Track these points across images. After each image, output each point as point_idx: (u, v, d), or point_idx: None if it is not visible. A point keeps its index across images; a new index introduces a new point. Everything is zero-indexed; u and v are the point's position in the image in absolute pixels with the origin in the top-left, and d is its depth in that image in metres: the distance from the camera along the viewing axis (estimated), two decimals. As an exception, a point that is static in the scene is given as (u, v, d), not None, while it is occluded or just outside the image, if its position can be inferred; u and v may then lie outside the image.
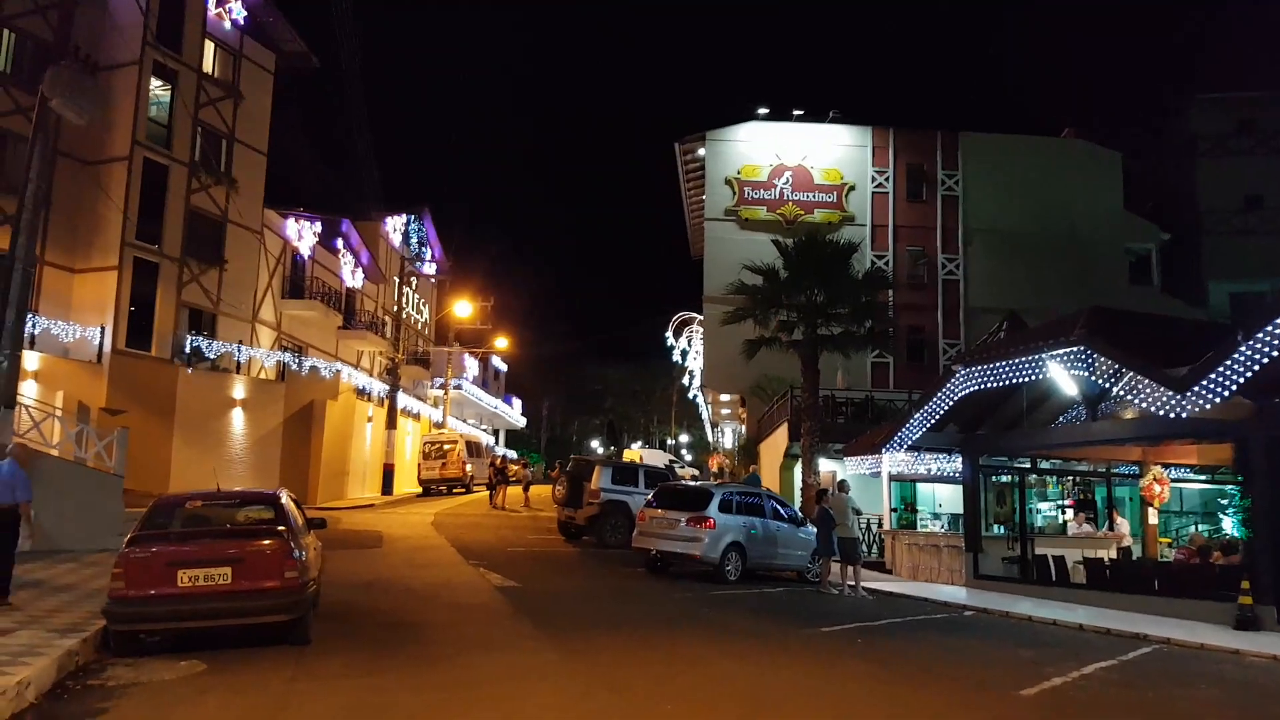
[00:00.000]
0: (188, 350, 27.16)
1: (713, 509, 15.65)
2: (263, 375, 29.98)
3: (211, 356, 27.69)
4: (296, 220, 33.10)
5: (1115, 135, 41.04)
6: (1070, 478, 21.78)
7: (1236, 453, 13.61)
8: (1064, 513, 21.37)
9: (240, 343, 28.74)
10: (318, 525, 10.82)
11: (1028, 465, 20.24)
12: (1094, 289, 31.36)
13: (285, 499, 9.71)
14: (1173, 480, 19.40)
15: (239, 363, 28.75)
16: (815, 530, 17.24)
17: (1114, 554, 17.95)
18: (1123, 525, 19.28)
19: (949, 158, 38.21)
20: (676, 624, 11.05)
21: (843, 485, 16.62)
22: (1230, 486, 21.99)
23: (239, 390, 27.54)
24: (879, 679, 8.32)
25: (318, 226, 33.92)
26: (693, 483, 24.65)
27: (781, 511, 17.32)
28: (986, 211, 37.75)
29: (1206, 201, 40.57)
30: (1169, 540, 20.53)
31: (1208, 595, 13.37)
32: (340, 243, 36.22)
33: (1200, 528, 22.01)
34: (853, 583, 15.79)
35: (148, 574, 8.23)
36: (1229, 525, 21.39)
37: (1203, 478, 21.83)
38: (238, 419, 27.48)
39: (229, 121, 29.44)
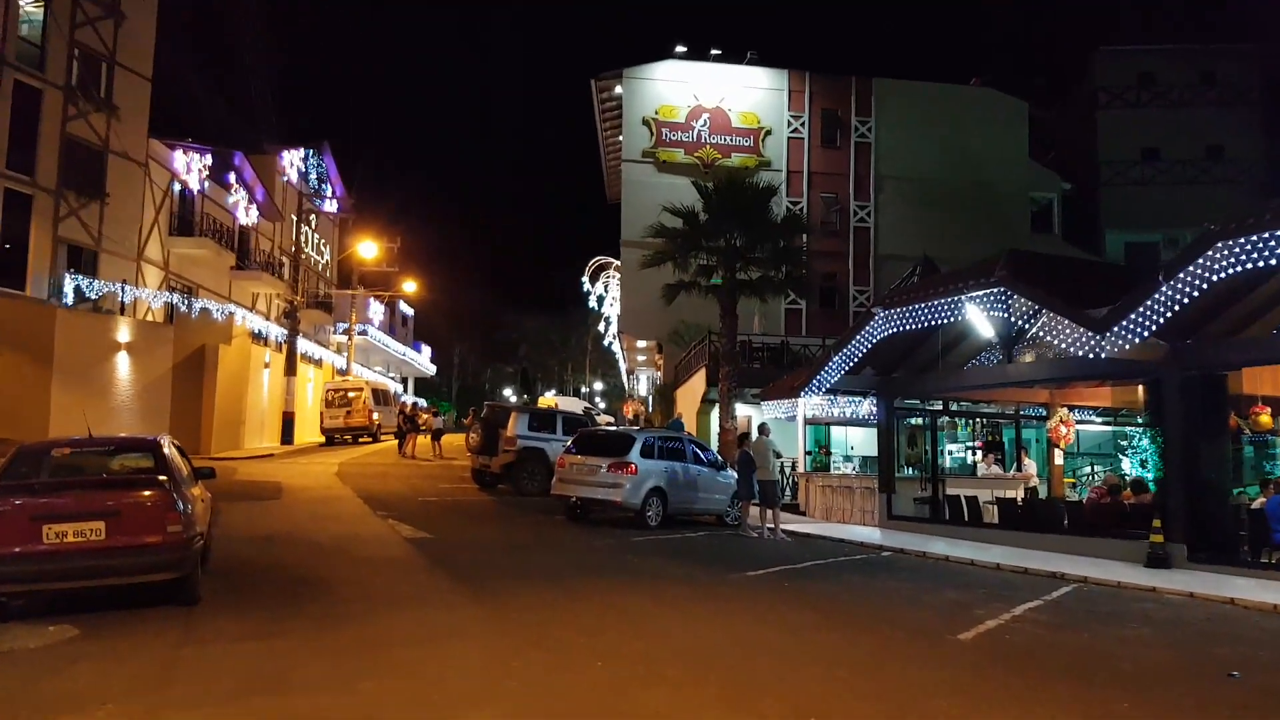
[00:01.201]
0: (67, 290, 25.16)
1: (634, 454, 15.23)
2: (150, 318, 28.10)
3: (93, 297, 25.72)
4: (185, 152, 30.87)
5: (1022, 85, 41.73)
6: (979, 420, 22.17)
7: (1150, 393, 13.82)
8: (973, 454, 21.76)
9: (124, 282, 26.80)
10: (206, 475, 9.95)
11: (940, 408, 20.49)
12: (998, 237, 31.82)
13: (167, 446, 8.79)
14: (1076, 423, 19.88)
15: (123, 304, 26.82)
16: (735, 474, 17.09)
17: (1021, 494, 18.30)
18: (1030, 466, 19.71)
19: (863, 104, 38.16)
20: (604, 573, 10.60)
21: (763, 429, 16.39)
22: (1130, 429, 22.77)
23: (124, 333, 25.72)
24: (818, 627, 8.03)
25: (208, 159, 31.75)
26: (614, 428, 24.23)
27: (702, 456, 17.03)
28: (898, 159, 37.95)
29: (1105, 152, 41.77)
30: (1072, 480, 21.15)
31: (1119, 534, 13.66)
32: (233, 177, 34.06)
33: (1098, 468, 22.78)
34: (771, 525, 15.67)
35: (8, 530, 7.29)
36: (1128, 466, 22.17)
37: (1103, 420, 22.49)
38: (123, 364, 25.71)
39: (109, 43, 27.03)
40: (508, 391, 79.79)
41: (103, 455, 9.15)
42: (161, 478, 8.06)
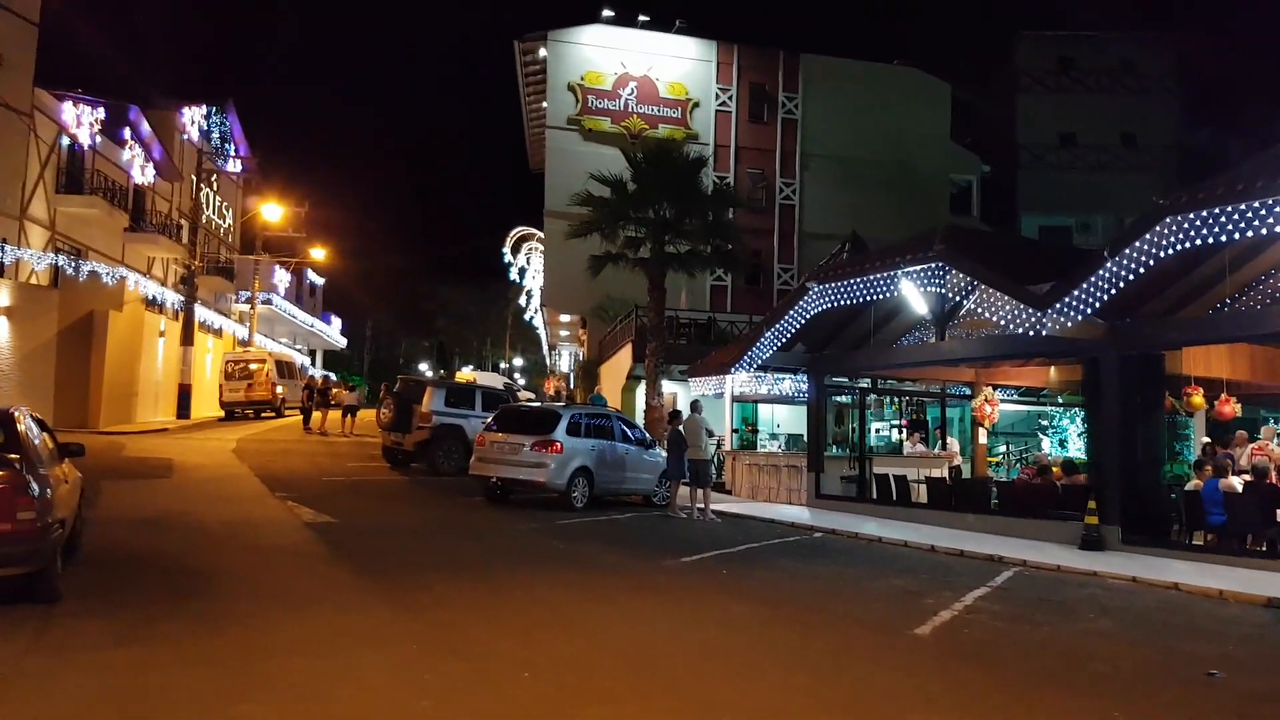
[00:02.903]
0: (-66, 248, 22.91)
1: (560, 432, 14.35)
2: (33, 280, 25.89)
3: (-32, 257, 23.52)
4: (75, 104, 28.37)
5: (945, 66, 41.89)
6: (904, 398, 21.98)
7: (1086, 373, 13.59)
8: (899, 432, 21.57)
9: (4, 241, 24.55)
10: (74, 452, 8.76)
11: (868, 385, 20.20)
12: (919, 217, 31.72)
13: (22, 418, 7.57)
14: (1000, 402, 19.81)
15: (2, 264, 24.60)
16: (663, 453, 16.43)
17: (945, 473, 18.12)
18: (953, 445, 19.55)
19: (790, 79, 37.72)
20: (528, 562, 9.72)
21: (696, 406, 15.71)
22: (1051, 409, 22.95)
23: (2, 296, 23.60)
24: (765, 622, 7.35)
25: (101, 113, 29.29)
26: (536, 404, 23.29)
27: (629, 434, 16.28)
28: (823, 136, 37.68)
29: (1024, 136, 42.34)
30: (998, 460, 21.16)
31: (1051, 515, 13.45)
32: (128, 133, 31.61)
33: (1013, 447, 22.91)
34: (701, 505, 15.06)
35: None
36: (1046, 446, 22.33)
37: (1023, 399, 22.57)
38: (1, 330, 23.61)
39: (-10, -17, 24.59)
40: (423, 366, 77.64)
41: (-61, 431, 7.87)
42: (11, 456, 6.89)
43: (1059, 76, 41.82)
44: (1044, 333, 12.25)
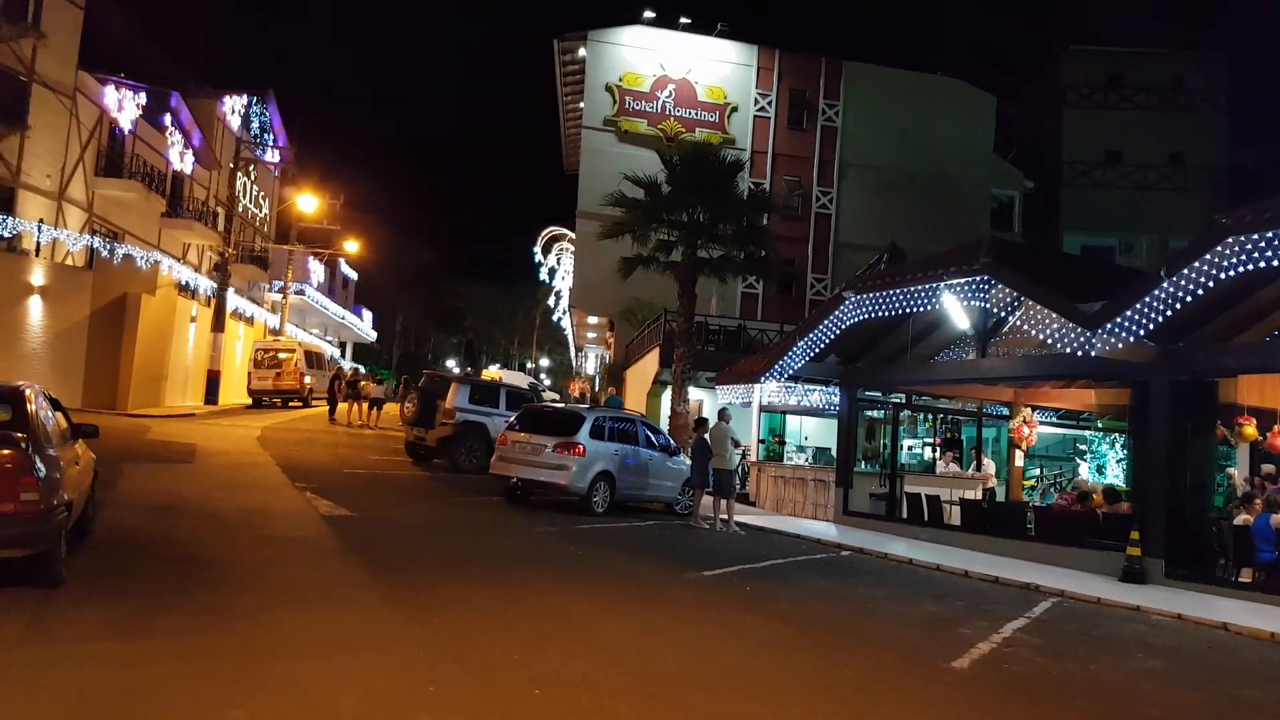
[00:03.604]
0: (-23, 225, 23.08)
1: (583, 435, 14.03)
2: (69, 261, 26.04)
3: (7, 235, 23.64)
4: (118, 88, 28.60)
5: (991, 79, 41.26)
6: (940, 416, 21.42)
7: (1134, 397, 13.03)
8: (932, 451, 21.02)
9: (42, 221, 24.72)
10: (87, 433, 8.56)
11: (902, 400, 19.69)
12: (958, 231, 30.99)
13: (33, 396, 7.37)
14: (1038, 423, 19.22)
15: (39, 244, 24.77)
16: (687, 460, 16.05)
17: (978, 495, 17.58)
18: (989, 466, 18.95)
19: (831, 86, 37.23)
20: (543, 566, 9.40)
21: (724, 414, 15.31)
22: (1090, 433, 22.26)
23: (38, 276, 23.71)
24: (791, 645, 6.95)
25: (142, 98, 29.51)
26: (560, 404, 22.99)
27: (654, 439, 15.91)
28: (863, 145, 37.15)
29: (1069, 152, 41.50)
30: (1032, 484, 20.53)
31: (1090, 544, 12.92)
32: (169, 119, 31.83)
33: (1048, 471, 22.23)
34: (725, 517, 14.67)
35: None
36: (1084, 471, 21.66)
37: (1061, 422, 21.92)
38: (35, 309, 23.72)
39: (39, -35, 24.83)
40: (450, 363, 77.80)
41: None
42: (18, 435, 6.66)
43: (1106, 93, 40.96)
44: (1093, 353, 11.76)
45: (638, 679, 5.63)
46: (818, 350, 17.04)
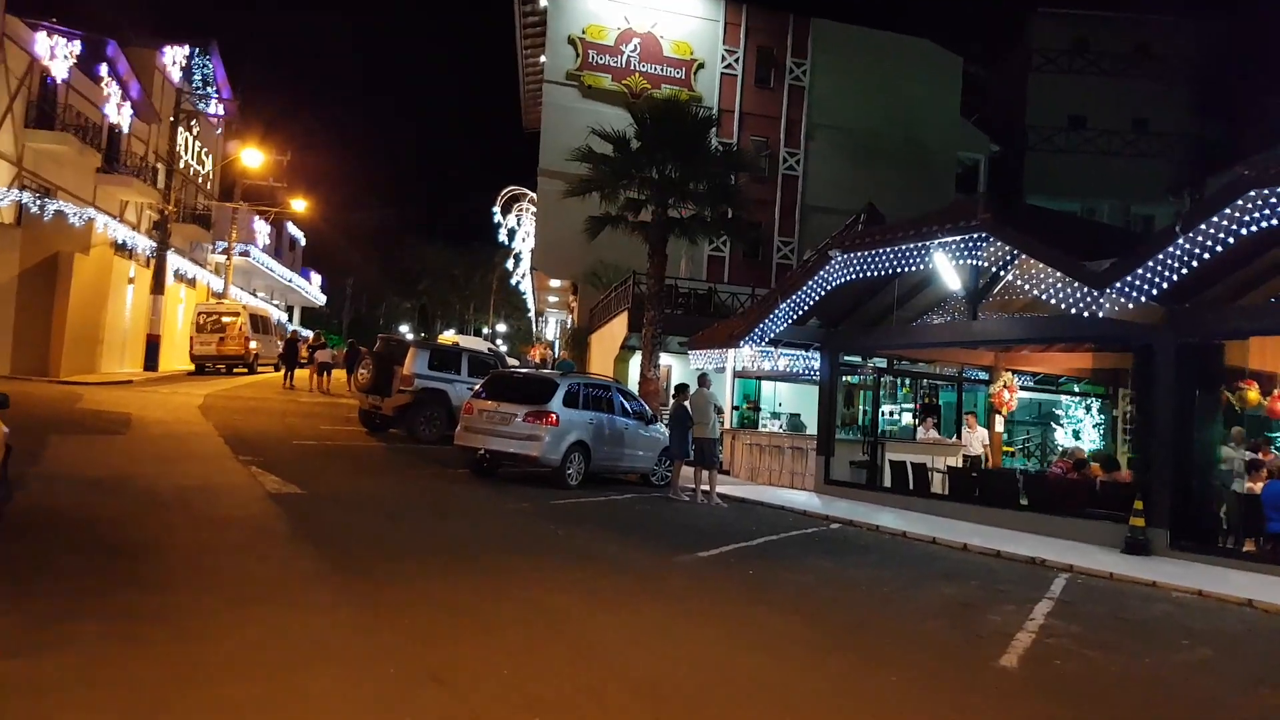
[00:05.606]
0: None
1: (556, 402, 13.07)
2: (-5, 219, 24.25)
3: (-77, 190, 21.85)
4: (50, 35, 26.50)
5: (957, 39, 40.46)
6: (920, 381, 20.82)
7: (1138, 362, 12.44)
8: (913, 417, 20.43)
9: (-39, 174, 22.90)
10: (-3, 403, 7.40)
11: (884, 365, 19.03)
12: (925, 194, 30.40)
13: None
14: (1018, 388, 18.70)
15: (-41, 201, 22.97)
16: (664, 429, 15.22)
17: (959, 461, 17.03)
18: (983, 433, 18.27)
19: (799, 44, 36.21)
20: (521, 551, 8.44)
21: (704, 380, 14.43)
22: (1067, 399, 21.88)
23: (-43, 233, 21.98)
24: (812, 644, 6.11)
25: (76, 46, 27.42)
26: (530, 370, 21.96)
27: (629, 407, 15.02)
28: (830, 105, 36.26)
29: (1033, 117, 41.02)
30: (1013, 450, 20.09)
31: (1087, 514, 12.37)
32: (105, 70, 29.76)
33: (1014, 435, 21.81)
34: (706, 488, 13.89)
35: None
36: (1061, 437, 21.29)
37: (1040, 387, 21.50)
38: (-45, 269, 22.03)
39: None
40: (404, 328, 75.96)
41: None
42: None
43: (1072, 57, 40.45)
44: (1100, 314, 11.09)
45: (651, 698, 4.72)
46: (801, 312, 16.25)
